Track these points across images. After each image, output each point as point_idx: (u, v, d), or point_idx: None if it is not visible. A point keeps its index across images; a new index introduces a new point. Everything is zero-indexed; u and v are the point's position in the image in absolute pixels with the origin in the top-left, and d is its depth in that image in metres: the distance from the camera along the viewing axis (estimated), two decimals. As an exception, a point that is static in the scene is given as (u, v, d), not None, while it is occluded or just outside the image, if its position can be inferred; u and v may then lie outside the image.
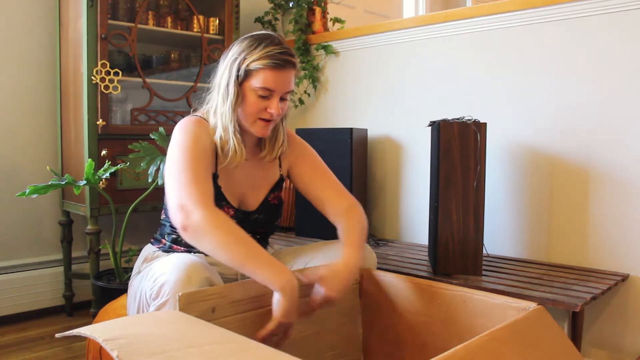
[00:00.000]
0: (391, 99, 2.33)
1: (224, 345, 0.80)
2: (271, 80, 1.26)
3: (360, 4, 3.74)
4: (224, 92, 1.30)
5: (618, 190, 1.72)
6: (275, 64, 1.26)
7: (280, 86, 1.28)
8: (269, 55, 1.26)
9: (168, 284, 1.13)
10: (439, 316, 1.24)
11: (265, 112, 1.30)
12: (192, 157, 1.23)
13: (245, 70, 1.27)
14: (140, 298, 1.24)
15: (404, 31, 2.26)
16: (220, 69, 1.33)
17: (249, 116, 1.30)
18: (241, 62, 1.27)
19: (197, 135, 1.28)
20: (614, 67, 1.72)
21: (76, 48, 2.17)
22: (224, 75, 1.30)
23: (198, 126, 1.31)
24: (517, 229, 1.95)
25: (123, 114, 2.30)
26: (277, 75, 1.27)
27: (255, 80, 1.27)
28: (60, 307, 2.37)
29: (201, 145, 1.27)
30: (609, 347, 1.75)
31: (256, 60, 1.26)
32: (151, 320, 0.91)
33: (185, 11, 2.46)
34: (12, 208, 2.28)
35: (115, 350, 0.72)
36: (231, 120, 1.29)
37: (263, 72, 1.26)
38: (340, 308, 1.35)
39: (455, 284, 1.52)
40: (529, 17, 1.89)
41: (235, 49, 1.30)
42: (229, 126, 1.30)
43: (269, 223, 1.47)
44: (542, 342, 0.95)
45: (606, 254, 1.75)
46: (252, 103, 1.29)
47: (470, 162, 1.64)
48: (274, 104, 1.29)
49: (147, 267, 1.32)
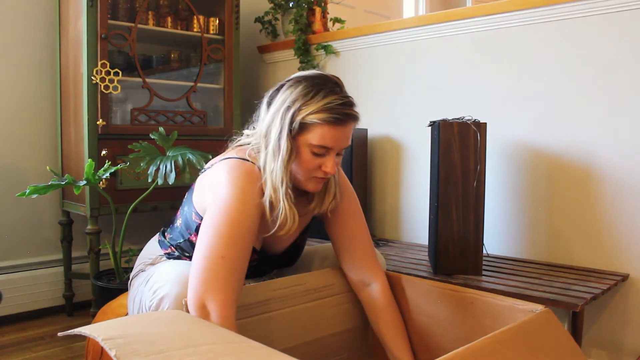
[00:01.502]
0: (391, 99, 2.33)
1: (222, 346, 0.80)
2: (329, 137, 1.11)
3: (360, 4, 3.75)
4: (274, 147, 1.12)
5: (618, 190, 1.72)
6: (337, 119, 1.10)
7: (338, 143, 1.13)
8: (329, 108, 1.10)
9: (168, 297, 1.11)
10: (446, 318, 1.24)
11: (320, 170, 1.14)
12: (236, 241, 1.05)
13: (301, 123, 1.10)
14: (140, 304, 1.22)
15: (404, 31, 2.26)
16: (268, 113, 1.16)
17: (302, 173, 1.15)
18: (296, 112, 1.11)
19: (246, 200, 1.09)
20: (614, 66, 1.72)
21: (76, 48, 2.17)
22: (274, 125, 1.13)
23: (250, 181, 1.12)
24: (517, 229, 1.95)
25: (123, 114, 2.30)
26: (337, 132, 1.11)
27: (312, 136, 1.11)
28: (60, 307, 2.37)
29: (250, 215, 1.09)
30: (609, 347, 1.75)
31: (314, 114, 1.10)
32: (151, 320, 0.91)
33: (185, 11, 2.46)
34: (12, 208, 2.28)
35: (114, 350, 0.73)
36: (282, 180, 1.12)
37: (321, 127, 1.10)
38: (349, 311, 1.35)
39: (455, 284, 1.52)
40: (529, 17, 1.89)
41: (287, 93, 1.14)
42: (280, 188, 1.12)
43: (291, 262, 1.40)
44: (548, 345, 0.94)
45: (606, 254, 1.75)
46: (307, 160, 1.13)
47: (470, 162, 1.64)
48: (329, 162, 1.13)
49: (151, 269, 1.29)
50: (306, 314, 1.26)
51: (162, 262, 1.30)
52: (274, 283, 1.21)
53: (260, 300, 1.15)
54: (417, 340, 1.30)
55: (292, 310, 1.22)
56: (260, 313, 1.15)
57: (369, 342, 1.40)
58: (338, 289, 1.33)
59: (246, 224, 1.08)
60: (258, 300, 1.15)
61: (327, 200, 1.25)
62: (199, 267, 1.03)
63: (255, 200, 1.11)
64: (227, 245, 1.04)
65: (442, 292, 1.25)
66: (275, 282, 1.21)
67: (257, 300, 1.15)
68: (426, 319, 1.28)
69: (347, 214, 1.31)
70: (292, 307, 1.22)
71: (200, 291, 1.00)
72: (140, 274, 1.33)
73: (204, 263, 1.03)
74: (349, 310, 1.35)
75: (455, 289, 1.23)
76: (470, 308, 1.19)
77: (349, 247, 1.31)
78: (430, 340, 1.27)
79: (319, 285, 1.28)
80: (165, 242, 1.36)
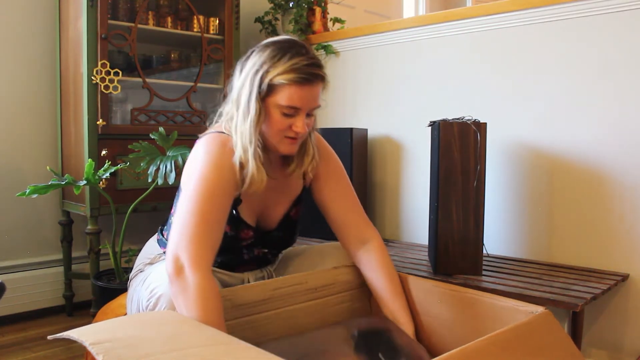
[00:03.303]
0: (391, 99, 2.33)
1: (210, 348, 0.80)
2: (297, 97, 1.14)
3: (360, 4, 3.75)
4: (244, 109, 1.16)
5: (618, 190, 1.72)
6: (303, 79, 1.13)
7: (307, 103, 1.16)
8: (295, 68, 1.12)
9: (164, 297, 1.11)
10: (447, 318, 1.23)
11: (290, 130, 1.18)
12: (208, 198, 1.10)
13: (269, 84, 1.14)
14: (138, 304, 1.22)
15: (404, 31, 2.26)
16: (239, 79, 1.20)
17: (273, 135, 1.19)
18: (264, 75, 1.14)
19: (220, 165, 1.15)
20: (614, 66, 1.72)
21: (76, 48, 2.17)
22: (244, 89, 1.17)
23: (222, 149, 1.17)
24: (517, 229, 1.95)
25: (123, 114, 2.29)
26: (303, 92, 1.14)
27: (280, 96, 1.14)
28: (60, 307, 2.37)
29: (223, 179, 1.14)
30: (609, 347, 1.75)
31: (281, 75, 1.13)
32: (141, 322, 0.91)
33: (185, 11, 2.45)
34: (12, 208, 2.28)
35: (101, 355, 0.73)
36: (251, 140, 1.16)
37: (289, 88, 1.13)
38: (349, 310, 1.35)
39: (455, 284, 1.52)
40: (529, 17, 1.88)
41: (255, 58, 1.17)
42: (249, 147, 1.16)
43: (288, 240, 1.40)
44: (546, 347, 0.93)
45: (606, 254, 1.75)
46: (277, 121, 1.16)
47: (470, 162, 1.64)
48: (299, 122, 1.17)
49: (149, 269, 1.29)
50: (306, 313, 1.25)
51: (160, 262, 1.30)
52: (275, 282, 1.20)
53: (260, 299, 1.15)
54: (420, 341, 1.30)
55: (292, 309, 1.22)
56: (259, 312, 1.15)
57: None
58: (339, 288, 1.33)
59: (220, 185, 1.13)
60: (258, 299, 1.15)
61: (306, 161, 1.28)
62: (176, 225, 1.09)
63: (229, 165, 1.16)
64: (202, 204, 1.09)
65: (443, 292, 1.25)
66: (276, 281, 1.21)
67: (257, 299, 1.14)
68: (427, 318, 1.28)
69: (331, 176, 1.35)
70: (292, 306, 1.22)
71: (175, 244, 1.06)
72: (138, 274, 1.33)
73: (180, 220, 1.09)
74: (349, 309, 1.34)
75: (456, 289, 1.23)
76: (471, 309, 1.19)
77: (339, 209, 1.34)
78: (430, 340, 1.27)
79: (319, 285, 1.28)
80: (163, 240, 1.36)
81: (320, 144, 1.36)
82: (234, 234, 1.27)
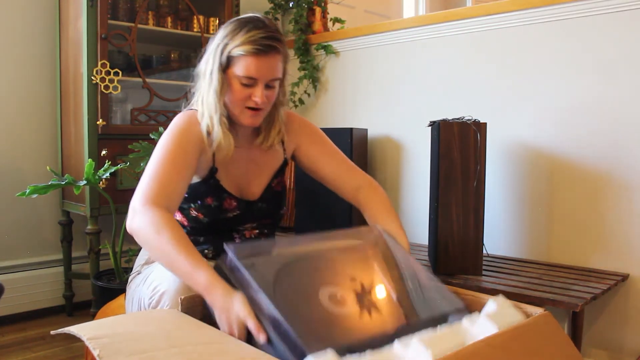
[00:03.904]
0: (391, 99, 2.33)
1: (207, 346, 0.80)
2: (253, 68, 1.20)
3: (360, 4, 3.74)
4: (208, 80, 1.25)
5: (618, 190, 1.72)
6: (258, 50, 1.19)
7: (263, 73, 1.21)
8: (251, 40, 1.19)
9: (168, 293, 1.11)
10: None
11: (250, 100, 1.23)
12: (168, 157, 1.18)
13: (228, 56, 1.22)
14: (139, 303, 1.23)
15: (404, 31, 2.26)
16: (206, 55, 1.28)
17: (235, 105, 1.25)
18: (224, 48, 1.22)
19: (182, 130, 1.23)
20: (614, 67, 1.72)
21: (76, 48, 2.17)
22: (209, 62, 1.25)
23: (187, 120, 1.26)
24: (517, 229, 1.95)
25: (123, 114, 2.29)
26: (259, 62, 1.20)
27: (238, 67, 1.21)
28: (60, 307, 2.37)
29: (184, 142, 1.21)
30: (609, 347, 1.75)
31: (238, 46, 1.20)
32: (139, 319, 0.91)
33: (185, 11, 2.45)
34: (12, 208, 2.28)
35: (97, 349, 0.73)
36: (216, 109, 1.24)
37: (245, 59, 1.20)
38: None
39: (455, 284, 1.52)
40: (529, 17, 1.89)
41: (220, 33, 1.25)
42: (214, 115, 1.24)
43: (274, 212, 1.41)
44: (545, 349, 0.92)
45: (606, 254, 1.75)
46: (237, 91, 1.23)
47: (470, 162, 1.64)
48: (257, 93, 1.22)
49: (147, 269, 1.30)
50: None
51: (152, 266, 1.30)
52: None
53: None
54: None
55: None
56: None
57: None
58: None
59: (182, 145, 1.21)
60: None
61: (273, 134, 1.35)
62: (142, 178, 1.17)
63: (195, 132, 1.24)
64: (164, 163, 1.17)
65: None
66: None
67: None
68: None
69: (314, 142, 1.43)
70: None
71: (140, 189, 1.14)
72: (136, 277, 1.34)
73: (145, 174, 1.17)
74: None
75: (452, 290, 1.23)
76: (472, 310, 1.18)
77: (329, 166, 1.42)
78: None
79: None
80: None
81: (294, 117, 1.44)
82: (217, 203, 1.29)
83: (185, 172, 1.20)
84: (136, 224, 1.09)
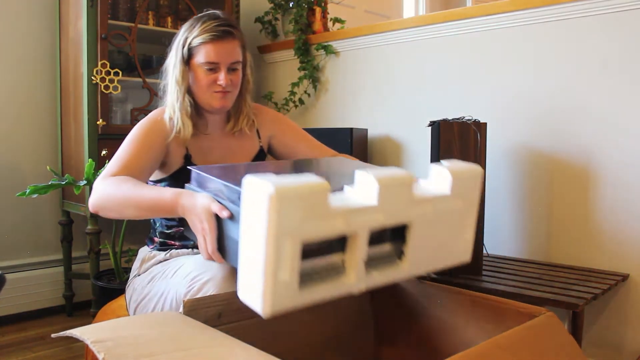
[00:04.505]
0: (391, 99, 2.33)
1: (213, 349, 0.79)
2: (212, 53, 1.31)
3: (360, 4, 3.75)
4: (171, 73, 1.36)
5: (618, 190, 1.72)
6: (214, 36, 1.31)
7: (223, 57, 1.32)
8: (206, 29, 1.31)
9: (213, 281, 1.12)
10: (448, 320, 1.23)
11: (216, 84, 1.33)
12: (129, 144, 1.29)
13: (189, 48, 1.33)
14: (165, 298, 1.22)
15: (404, 31, 2.26)
16: (169, 54, 1.40)
17: (203, 92, 1.34)
18: (184, 42, 1.34)
19: (145, 122, 1.33)
20: (614, 67, 1.72)
21: (76, 48, 2.17)
22: (172, 57, 1.37)
23: (152, 114, 1.35)
24: (517, 229, 1.95)
25: (123, 114, 2.29)
26: (217, 47, 1.31)
27: (199, 56, 1.32)
28: (60, 307, 2.37)
29: (146, 130, 1.31)
30: (609, 347, 1.75)
31: (196, 37, 1.32)
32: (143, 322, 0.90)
33: (185, 11, 2.45)
34: (12, 208, 2.28)
35: (102, 353, 0.72)
36: (177, 97, 1.34)
37: (204, 46, 1.31)
38: (352, 313, 1.34)
39: (455, 284, 1.52)
40: (529, 17, 1.89)
41: (180, 31, 1.38)
42: (176, 104, 1.34)
43: None
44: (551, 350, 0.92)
45: (606, 254, 1.75)
46: (202, 78, 1.33)
47: (470, 162, 1.63)
48: (221, 76, 1.32)
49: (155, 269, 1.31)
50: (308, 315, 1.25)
51: (179, 258, 1.30)
52: None
53: None
54: (417, 343, 1.30)
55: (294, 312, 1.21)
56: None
57: (370, 344, 1.40)
58: None
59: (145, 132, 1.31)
60: None
61: (241, 119, 1.45)
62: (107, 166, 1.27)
63: (158, 120, 1.33)
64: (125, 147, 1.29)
65: (444, 294, 1.24)
66: None
67: None
68: (428, 320, 1.27)
69: (286, 130, 1.53)
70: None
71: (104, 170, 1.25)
72: (135, 279, 1.36)
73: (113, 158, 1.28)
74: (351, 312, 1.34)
75: (456, 291, 1.23)
76: (472, 311, 1.18)
77: (305, 149, 1.51)
78: (431, 343, 1.26)
79: None
80: (150, 237, 1.44)
81: (266, 110, 1.54)
82: None
83: (146, 154, 1.29)
84: (97, 194, 1.18)
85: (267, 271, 0.78)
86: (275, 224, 0.76)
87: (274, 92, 2.74)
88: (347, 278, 0.88)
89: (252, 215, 0.79)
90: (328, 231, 0.83)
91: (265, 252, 0.77)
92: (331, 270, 0.88)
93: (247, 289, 0.84)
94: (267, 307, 0.82)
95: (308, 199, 0.78)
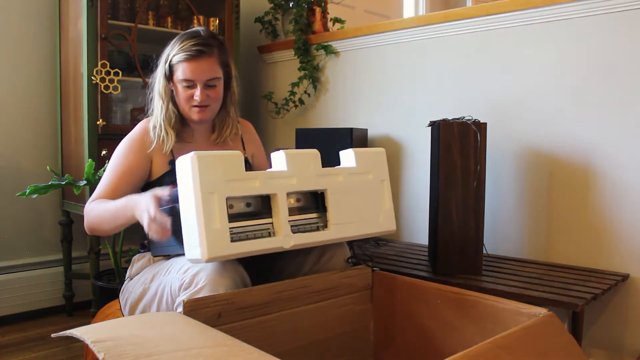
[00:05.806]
0: (391, 99, 2.33)
1: (213, 349, 0.79)
2: (189, 71, 1.39)
3: (360, 4, 3.74)
4: (156, 87, 1.46)
5: (618, 190, 1.72)
6: (189, 55, 1.39)
7: (197, 75, 1.40)
8: (183, 49, 1.39)
9: (204, 271, 1.13)
10: (447, 321, 1.23)
11: (193, 99, 1.42)
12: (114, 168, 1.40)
13: (170, 66, 1.43)
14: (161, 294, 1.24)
15: (404, 31, 2.26)
16: (157, 66, 1.48)
17: (183, 106, 1.45)
18: (167, 59, 1.43)
19: (130, 139, 1.43)
20: (614, 67, 1.72)
21: (76, 48, 2.17)
22: (157, 74, 1.46)
23: (137, 128, 1.45)
24: (517, 229, 1.95)
25: (123, 114, 2.29)
26: (192, 66, 1.39)
27: (178, 73, 1.41)
28: (60, 307, 2.37)
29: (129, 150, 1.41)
30: (609, 347, 1.75)
31: (175, 55, 1.41)
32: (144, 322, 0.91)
33: (185, 11, 2.45)
34: (12, 208, 2.28)
35: (102, 353, 0.72)
36: (162, 110, 1.44)
37: (181, 64, 1.40)
38: (352, 313, 1.34)
39: (455, 284, 1.52)
40: (529, 17, 1.89)
41: (167, 47, 1.46)
42: (159, 116, 1.44)
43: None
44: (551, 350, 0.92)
45: (606, 254, 1.75)
46: (181, 93, 1.43)
47: (470, 162, 1.64)
48: (197, 92, 1.41)
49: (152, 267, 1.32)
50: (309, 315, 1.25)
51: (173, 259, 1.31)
52: (279, 285, 1.20)
53: (262, 302, 1.14)
54: (417, 343, 1.29)
55: (295, 312, 1.22)
56: (261, 314, 1.15)
57: (370, 344, 1.40)
58: (343, 291, 1.32)
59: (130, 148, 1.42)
60: (260, 302, 1.14)
61: (225, 130, 1.55)
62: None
63: (140, 137, 1.43)
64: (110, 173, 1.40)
65: (444, 294, 1.24)
66: (281, 284, 1.20)
67: (260, 302, 1.14)
68: (428, 321, 1.27)
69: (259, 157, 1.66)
70: (295, 309, 1.22)
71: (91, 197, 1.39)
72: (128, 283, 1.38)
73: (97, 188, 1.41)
74: (351, 312, 1.34)
75: (457, 291, 1.23)
76: (472, 311, 1.18)
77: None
78: (431, 343, 1.26)
79: (324, 287, 1.27)
80: (143, 242, 1.47)
81: (251, 128, 1.68)
82: None
83: (129, 175, 1.40)
84: (86, 218, 1.34)
85: (200, 221, 1.00)
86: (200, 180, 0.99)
87: (274, 92, 2.74)
88: (276, 236, 1.12)
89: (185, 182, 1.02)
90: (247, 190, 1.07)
91: (196, 205, 1.00)
92: (263, 231, 1.12)
93: (190, 247, 1.04)
94: (205, 252, 1.01)
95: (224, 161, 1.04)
